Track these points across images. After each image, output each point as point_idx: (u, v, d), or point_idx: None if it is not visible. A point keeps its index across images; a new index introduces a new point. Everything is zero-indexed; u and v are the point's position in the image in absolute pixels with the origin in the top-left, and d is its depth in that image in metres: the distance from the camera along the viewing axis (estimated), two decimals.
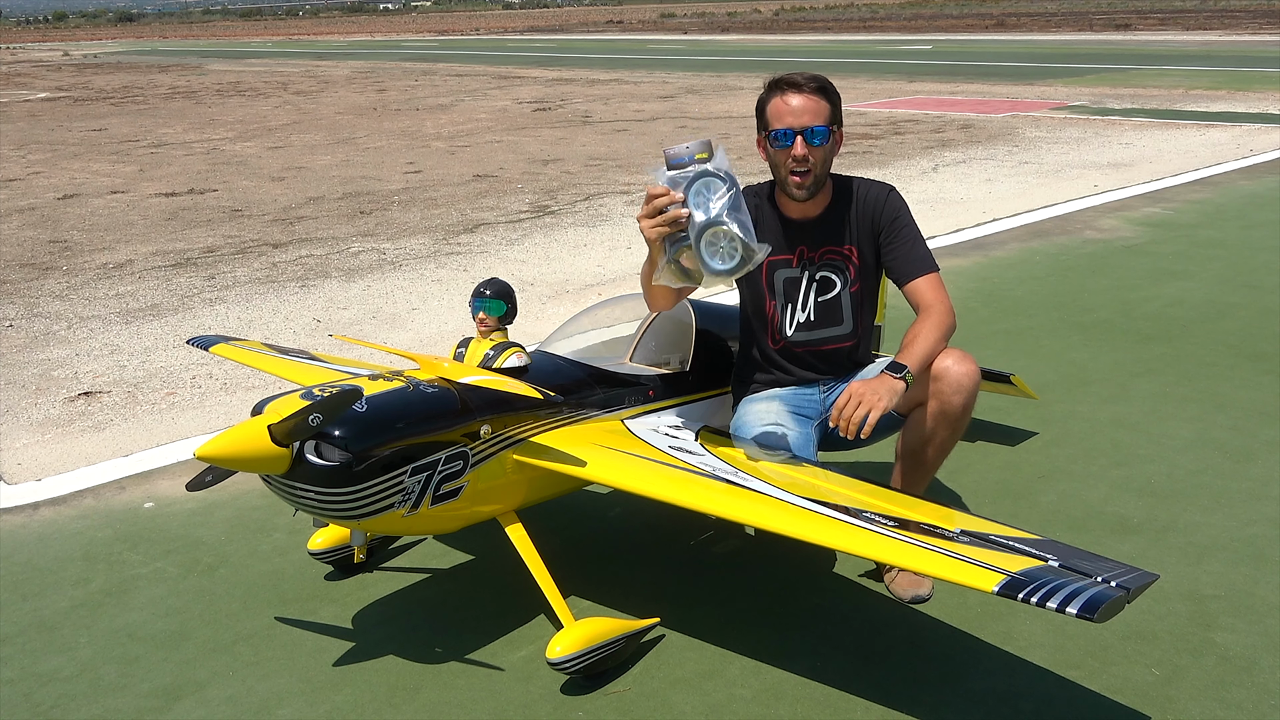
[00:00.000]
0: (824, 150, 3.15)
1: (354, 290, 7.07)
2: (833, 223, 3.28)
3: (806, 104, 3.13)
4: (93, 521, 3.91)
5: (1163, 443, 4.29)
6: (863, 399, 2.90)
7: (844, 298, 3.31)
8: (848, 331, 3.35)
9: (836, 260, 3.29)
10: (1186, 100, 16.63)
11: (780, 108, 3.16)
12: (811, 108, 3.13)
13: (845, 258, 3.29)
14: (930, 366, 3.09)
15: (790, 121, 3.13)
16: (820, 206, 3.28)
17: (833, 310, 3.32)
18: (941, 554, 2.37)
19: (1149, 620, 3.05)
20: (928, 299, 3.19)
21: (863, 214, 3.27)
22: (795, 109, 3.13)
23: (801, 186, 3.17)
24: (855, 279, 3.30)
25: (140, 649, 3.10)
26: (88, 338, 6.15)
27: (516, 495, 3.02)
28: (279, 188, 11.08)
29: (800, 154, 3.12)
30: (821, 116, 3.14)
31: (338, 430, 2.63)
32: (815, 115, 3.13)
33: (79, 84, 26.42)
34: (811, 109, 3.13)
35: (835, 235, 3.29)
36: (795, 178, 3.16)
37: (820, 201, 3.27)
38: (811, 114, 3.13)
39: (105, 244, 8.65)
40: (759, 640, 3.03)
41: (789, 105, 3.14)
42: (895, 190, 3.32)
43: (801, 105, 3.13)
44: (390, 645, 3.06)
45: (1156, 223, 8.43)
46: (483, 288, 3.15)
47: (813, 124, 3.12)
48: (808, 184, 3.17)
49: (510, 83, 23.70)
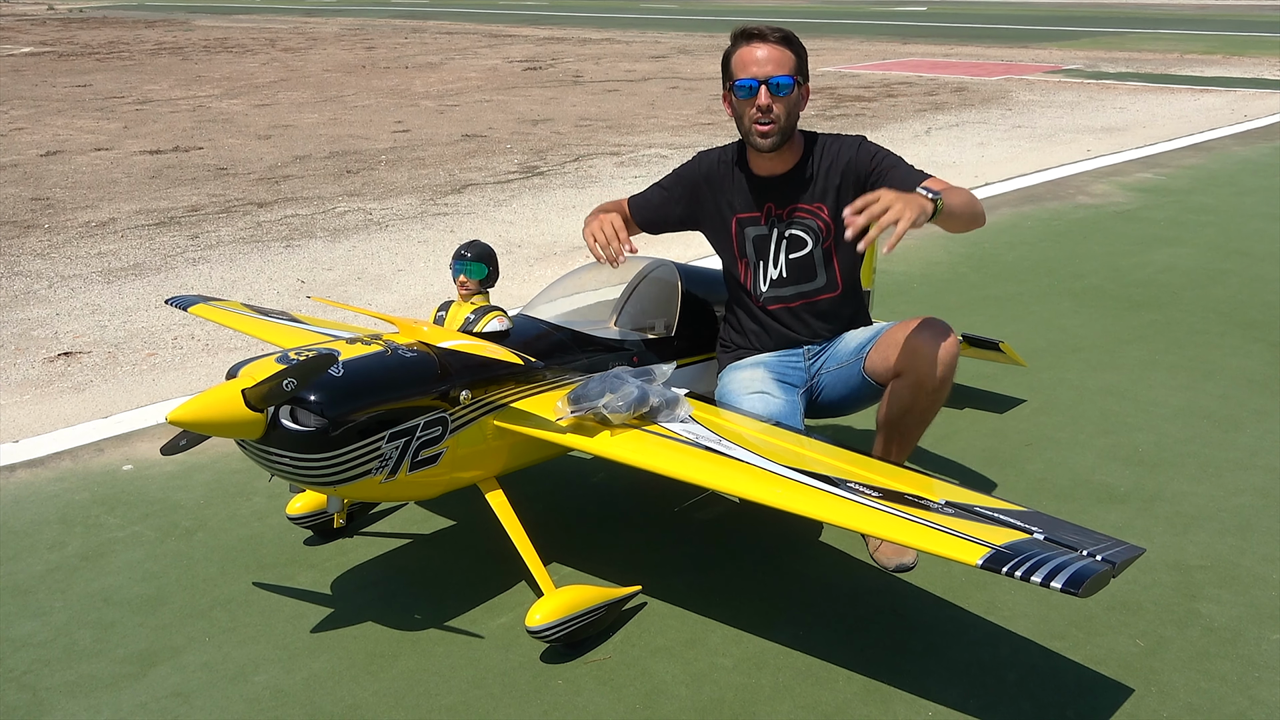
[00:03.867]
0: (788, 101, 3.11)
1: (339, 250, 6.99)
2: (801, 180, 3.24)
3: (771, 54, 3.09)
4: (70, 484, 3.86)
5: (1151, 411, 4.26)
6: (892, 204, 2.60)
7: (816, 254, 3.27)
8: (823, 284, 3.30)
9: (805, 218, 3.25)
10: (1181, 65, 16.53)
11: (745, 57, 3.12)
12: (776, 57, 3.09)
13: (814, 214, 3.24)
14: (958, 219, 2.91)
15: (754, 71, 3.09)
16: (788, 164, 3.23)
17: (805, 267, 3.28)
18: (926, 526, 2.33)
19: (1134, 591, 3.03)
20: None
21: (835, 169, 3.21)
22: (760, 59, 3.09)
23: (766, 136, 3.12)
24: (827, 236, 3.25)
25: (116, 614, 3.06)
26: (69, 297, 6.07)
27: (497, 461, 2.97)
28: (265, 146, 10.95)
29: (764, 103, 3.08)
30: (786, 66, 3.09)
31: (313, 395, 2.57)
32: (779, 65, 3.09)
33: (63, 39, 26.06)
34: (776, 59, 3.09)
35: (803, 192, 3.24)
36: (760, 127, 3.12)
37: (788, 158, 3.22)
38: (775, 64, 3.08)
39: (88, 202, 8.54)
40: (741, 609, 3.01)
41: (754, 55, 3.10)
42: (865, 138, 3.27)
43: (766, 55, 3.09)
44: (369, 612, 3.02)
45: (1149, 188, 8.38)
46: (464, 250, 3.08)
47: (777, 74, 3.08)
48: (773, 134, 3.12)
49: (501, 41, 23.44)
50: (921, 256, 6.58)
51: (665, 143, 10.69)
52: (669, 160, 9.71)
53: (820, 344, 3.36)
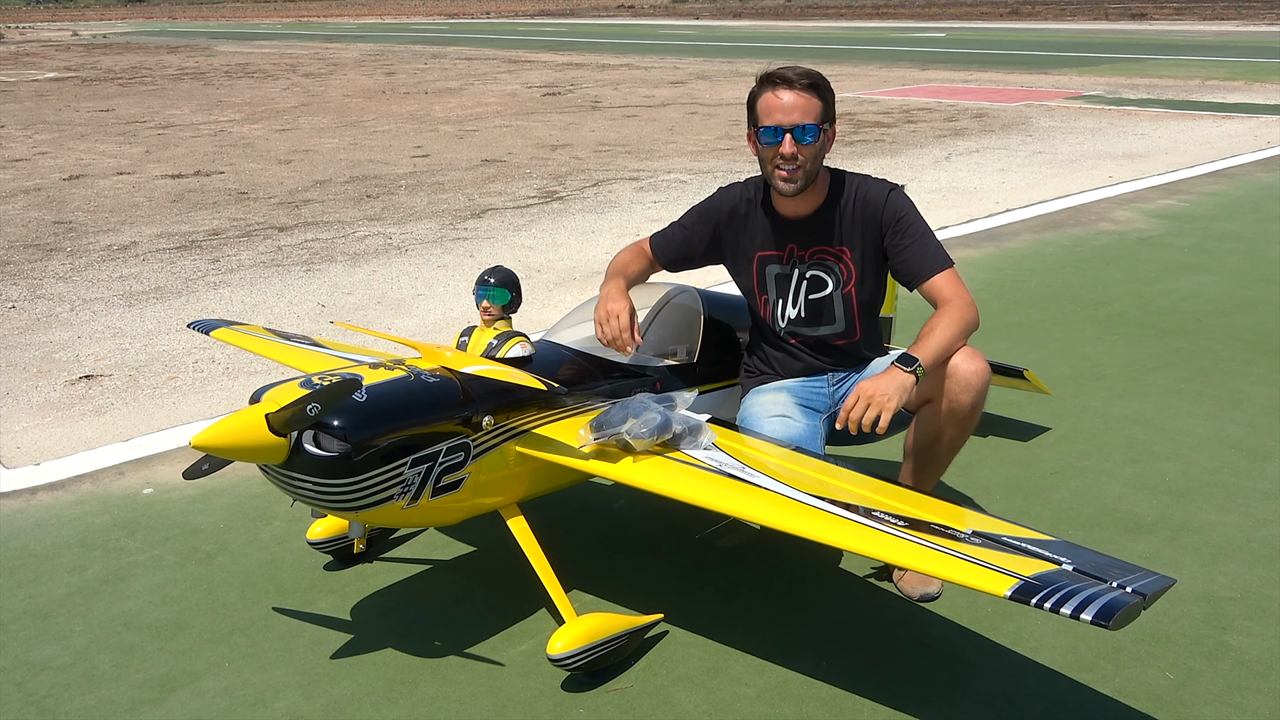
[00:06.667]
0: (813, 148, 3.09)
1: (359, 275, 7.02)
2: (825, 222, 3.22)
3: (797, 101, 3.07)
4: (91, 507, 3.87)
5: (1178, 439, 4.23)
6: (871, 400, 2.81)
7: (835, 298, 3.25)
8: (841, 329, 3.29)
9: (828, 260, 3.23)
10: (1203, 91, 16.49)
11: (770, 103, 3.10)
12: (802, 105, 3.07)
13: (837, 258, 3.23)
14: (945, 362, 3.01)
15: (780, 119, 3.07)
16: (812, 205, 3.22)
17: (824, 309, 3.27)
18: (952, 556, 2.31)
19: (1163, 622, 3.00)
20: (945, 294, 3.09)
21: (859, 215, 3.19)
22: (785, 105, 3.07)
23: (789, 181, 3.11)
24: (847, 280, 3.23)
25: (136, 638, 3.07)
26: (90, 320, 6.11)
27: (519, 488, 2.97)
28: (286, 170, 11.03)
29: (789, 152, 3.07)
30: (812, 114, 3.08)
31: (336, 420, 2.58)
32: (805, 113, 3.07)
33: (87, 64, 26.37)
34: (802, 106, 3.07)
35: (827, 235, 3.22)
36: (782, 173, 3.11)
37: (812, 200, 3.21)
38: (802, 111, 3.07)
39: (110, 225, 8.61)
40: (764, 638, 2.99)
41: (779, 101, 3.08)
42: (898, 189, 3.22)
43: (792, 102, 3.07)
44: (389, 638, 3.02)
45: (1172, 215, 8.34)
46: (487, 275, 3.09)
47: (802, 121, 3.06)
48: (796, 179, 3.11)
49: (520, 67, 23.60)
50: None
51: (684, 168, 10.72)
52: (688, 185, 9.74)
53: (844, 371, 3.35)
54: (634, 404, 2.84)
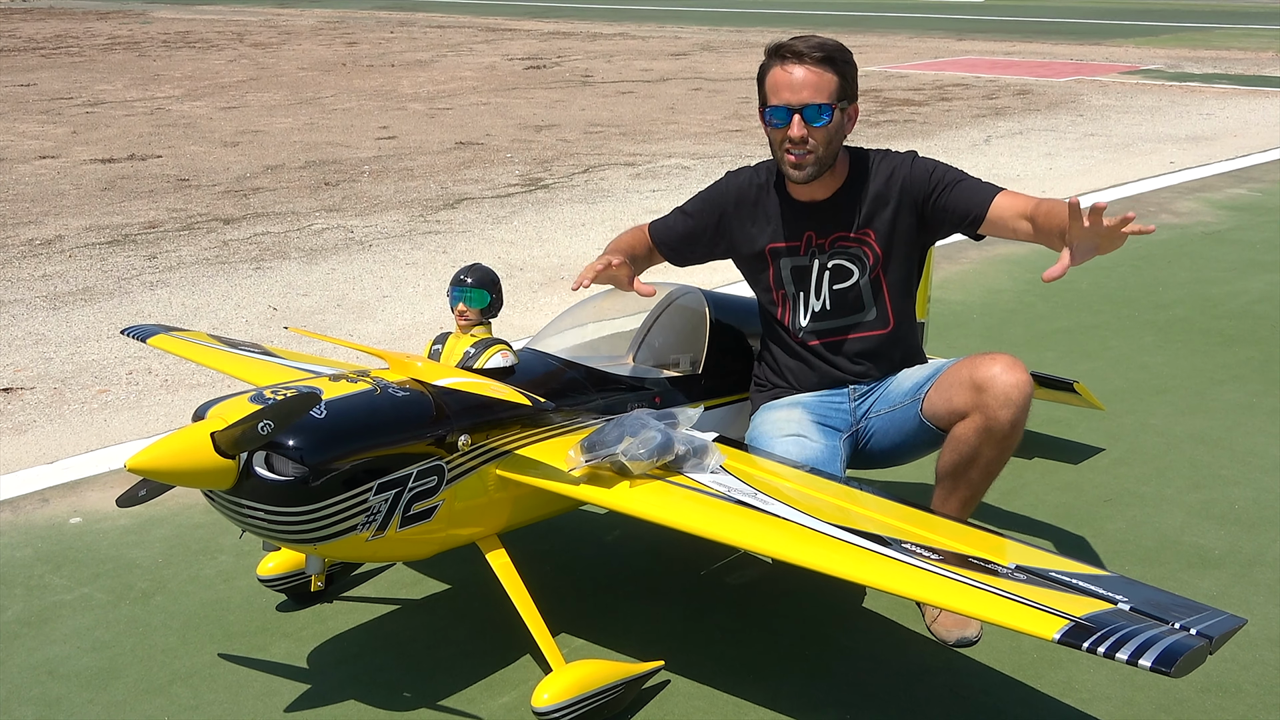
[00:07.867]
0: (826, 131, 3.11)
1: (316, 274, 7.04)
2: (845, 206, 3.26)
3: (808, 77, 3.09)
4: (10, 539, 3.88)
5: (1248, 462, 4.25)
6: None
7: (864, 285, 3.29)
8: (873, 318, 3.32)
9: (851, 247, 3.27)
10: (1276, 65, 16.56)
11: (779, 80, 3.13)
12: (813, 81, 3.09)
13: (861, 243, 3.26)
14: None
15: (787, 97, 3.10)
16: (830, 189, 3.25)
17: (852, 298, 3.30)
18: (993, 594, 2.33)
19: (1232, 670, 3.01)
20: (1020, 204, 3.06)
21: (886, 192, 3.24)
22: (794, 82, 3.10)
23: (798, 168, 3.14)
24: (875, 266, 3.27)
25: (62, 688, 3.07)
26: (9, 325, 6.13)
27: (499, 517, 2.99)
28: (232, 154, 11.06)
29: (798, 135, 3.09)
30: (824, 92, 3.10)
31: (292, 440, 2.59)
32: (817, 91, 3.09)
33: (5, 32, 26.43)
34: (813, 83, 3.09)
35: (848, 220, 3.26)
36: (791, 157, 3.14)
37: (830, 184, 3.24)
38: (812, 89, 3.09)
39: (31, 217, 8.63)
40: (779, 688, 3.00)
41: (788, 78, 3.11)
42: (916, 153, 3.30)
43: (802, 79, 3.09)
44: (351, 688, 3.03)
45: (1242, 206, 8.39)
46: (463, 275, 3.11)
47: (814, 100, 3.09)
48: (806, 165, 3.13)
49: (499, 36, 23.67)
50: (981, 284, 6.60)
51: (687, 152, 10.77)
52: (691, 171, 9.78)
53: (868, 383, 3.37)
54: (631, 421, 2.86)
